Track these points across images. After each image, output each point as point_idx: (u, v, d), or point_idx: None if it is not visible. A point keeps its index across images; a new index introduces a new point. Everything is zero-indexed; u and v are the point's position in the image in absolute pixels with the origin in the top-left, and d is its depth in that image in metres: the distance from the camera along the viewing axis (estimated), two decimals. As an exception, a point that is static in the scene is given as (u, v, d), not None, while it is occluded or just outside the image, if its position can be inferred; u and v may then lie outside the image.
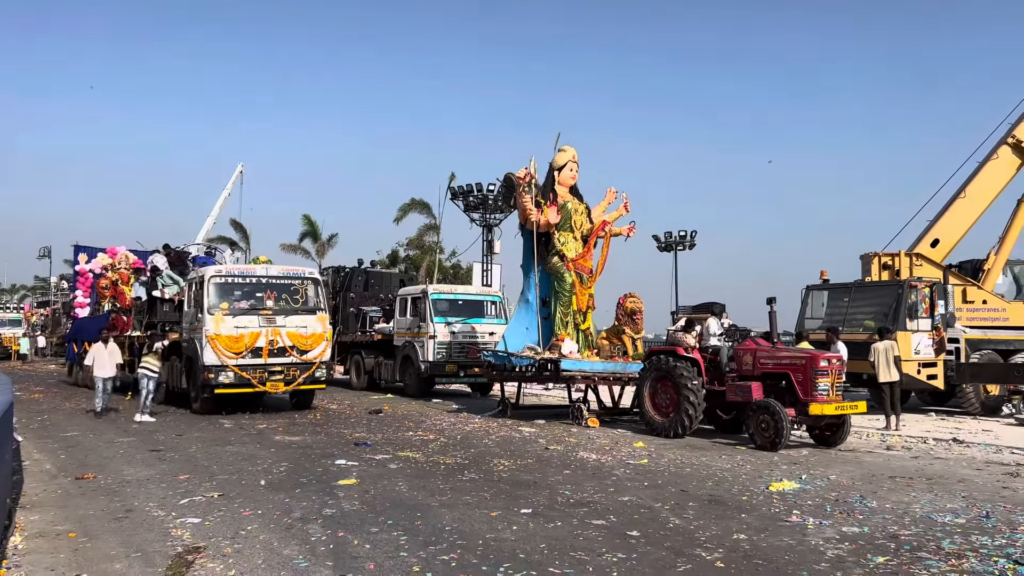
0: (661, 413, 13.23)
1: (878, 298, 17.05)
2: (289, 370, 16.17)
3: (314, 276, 17.61)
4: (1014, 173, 19.73)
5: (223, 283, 16.40)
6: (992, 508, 7.83)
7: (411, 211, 43.43)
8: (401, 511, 7.55)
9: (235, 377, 15.68)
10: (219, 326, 15.72)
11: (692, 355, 12.99)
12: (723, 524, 7.14)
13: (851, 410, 11.95)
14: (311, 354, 16.45)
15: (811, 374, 11.68)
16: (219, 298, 16.13)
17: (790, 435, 11.68)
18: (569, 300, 16.32)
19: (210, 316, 15.80)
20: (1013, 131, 19.54)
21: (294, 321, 16.40)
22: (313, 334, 16.53)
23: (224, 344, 15.63)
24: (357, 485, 8.84)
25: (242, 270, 17.50)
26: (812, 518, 7.36)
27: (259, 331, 15.98)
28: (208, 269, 17.08)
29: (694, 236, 42.32)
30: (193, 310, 16.67)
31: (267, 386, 16.01)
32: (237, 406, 16.65)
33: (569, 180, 16.88)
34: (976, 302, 18.27)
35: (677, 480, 9.32)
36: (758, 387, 12.14)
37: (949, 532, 6.89)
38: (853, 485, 9.05)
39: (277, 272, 17.24)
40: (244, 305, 16.25)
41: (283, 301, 16.60)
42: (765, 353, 12.45)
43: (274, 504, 7.88)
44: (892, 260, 18.68)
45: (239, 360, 15.75)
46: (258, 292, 16.54)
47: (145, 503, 7.97)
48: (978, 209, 19.58)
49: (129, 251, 27.53)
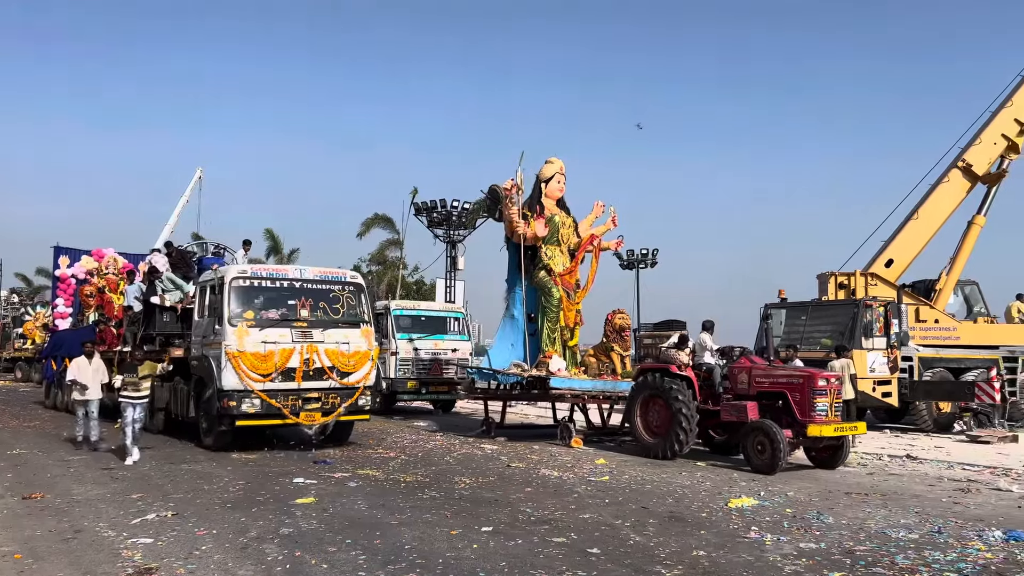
0: (653, 433, 12.74)
1: (835, 317, 17.38)
2: (328, 397, 12.98)
3: (357, 280, 14.29)
4: (964, 196, 20.36)
5: (248, 287, 13.13)
6: (944, 523, 7.98)
7: (374, 226, 43.16)
8: (360, 530, 7.45)
9: (262, 405, 12.46)
10: (243, 341, 12.48)
11: (685, 373, 12.55)
12: (683, 541, 7.17)
13: (851, 431, 11.65)
14: (354, 377, 13.20)
15: (809, 394, 11.27)
16: (243, 306, 12.90)
17: (788, 457, 11.24)
18: (556, 316, 15.91)
19: (231, 328, 12.54)
20: (963, 155, 20.16)
21: (333, 336, 13.18)
22: (356, 352, 13.31)
23: (249, 363, 12.41)
24: (315, 503, 8.71)
25: (271, 271, 14.18)
26: (770, 534, 7.43)
27: (292, 348, 12.70)
28: (229, 269, 13.57)
29: (656, 254, 42.81)
30: (207, 320, 13.39)
31: (301, 417, 12.68)
32: (250, 439, 13.41)
33: (556, 192, 16.52)
34: (928, 321, 18.72)
35: (638, 497, 9.35)
36: (754, 407, 11.72)
37: (903, 547, 7.01)
38: (810, 501, 9.16)
39: (313, 275, 13.85)
40: (274, 315, 13.06)
41: (320, 311, 13.47)
42: (761, 371, 12.05)
43: (229, 523, 7.73)
44: (848, 280, 19.07)
45: (267, 384, 12.54)
46: (290, 299, 13.35)
47: (95, 523, 7.76)
48: (930, 230, 20.13)
49: (118, 253, 24.77)
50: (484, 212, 18.90)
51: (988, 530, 7.64)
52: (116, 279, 22.40)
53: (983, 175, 20.20)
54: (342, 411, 13.08)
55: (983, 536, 7.44)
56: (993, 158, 20.30)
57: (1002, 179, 20.65)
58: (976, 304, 20.57)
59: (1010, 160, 20.59)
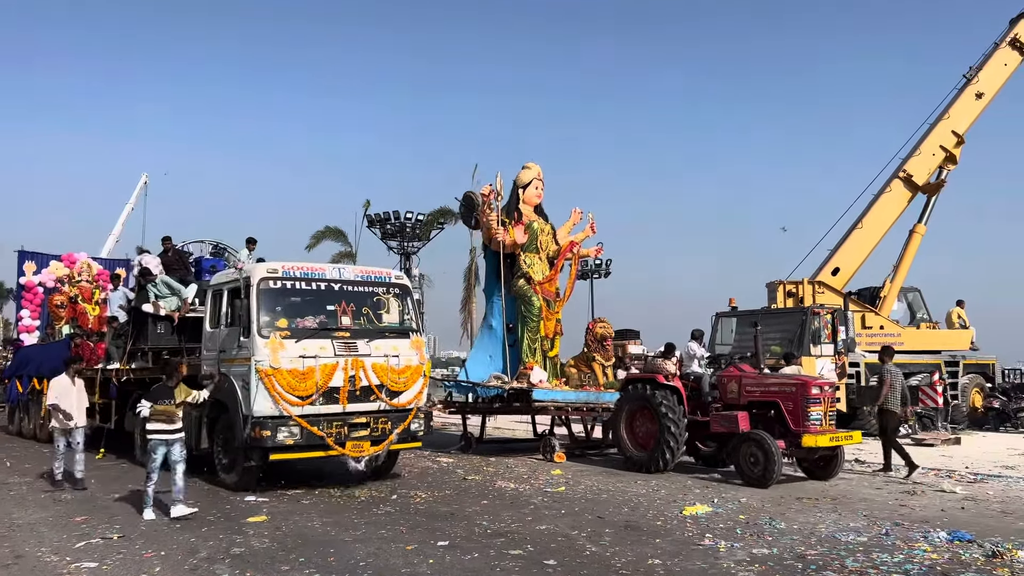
0: (640, 446, 12.28)
1: (784, 324, 17.71)
2: (377, 422, 10.77)
3: (403, 281, 12.17)
4: (906, 205, 21.00)
5: (279, 289, 10.79)
6: (891, 526, 8.17)
7: (325, 239, 42.63)
8: (313, 548, 7.33)
9: (302, 434, 10.14)
10: (277, 355, 10.14)
11: (673, 383, 12.09)
12: (638, 549, 7.21)
13: (846, 441, 11.31)
14: (404, 396, 11.06)
15: (802, 403, 10.89)
16: (275, 312, 10.58)
17: (781, 469, 10.84)
18: (537, 326, 15.34)
19: (262, 340, 10.19)
20: (903, 166, 20.79)
21: (381, 348, 10.96)
22: (407, 367, 11.13)
23: (285, 383, 10.09)
24: (267, 522, 8.54)
25: (305, 270, 11.31)
26: (724, 541, 7.52)
27: (334, 363, 10.44)
28: (255, 268, 10.99)
29: (609, 264, 43.18)
30: (226, 331, 11.03)
31: (347, 447, 10.43)
32: (279, 474, 11.21)
33: (534, 199, 16.04)
34: (874, 327, 19.22)
35: (594, 507, 9.38)
36: (744, 417, 11.29)
37: (852, 550, 7.15)
38: (763, 507, 9.29)
39: (354, 274, 11.61)
40: (311, 323, 10.76)
41: (364, 318, 11.27)
42: (752, 380, 11.69)
43: (178, 544, 7.53)
44: (796, 288, 19.50)
45: (306, 408, 10.24)
46: (328, 304, 11.05)
47: (37, 548, 7.49)
48: (874, 239, 20.70)
49: (92, 259, 22.15)
50: (459, 220, 17.12)
51: (933, 531, 7.84)
52: (90, 287, 20.00)
53: (923, 185, 20.86)
54: (394, 439, 10.85)
55: (928, 537, 7.63)
56: (932, 168, 20.99)
57: (941, 189, 21.35)
58: (919, 310, 21.19)
59: (948, 171, 21.31)
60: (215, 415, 11.09)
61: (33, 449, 15.66)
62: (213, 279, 12.35)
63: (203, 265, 15.19)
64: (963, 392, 19.53)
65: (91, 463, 11.89)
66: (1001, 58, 21.12)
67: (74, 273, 20.77)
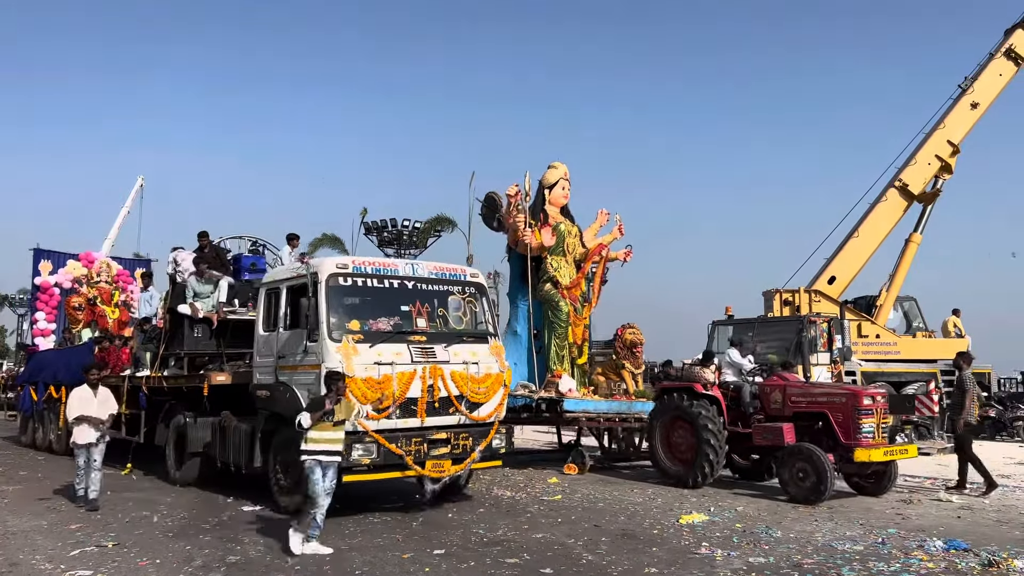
0: (677, 459, 11.61)
1: (780, 333, 17.69)
2: (458, 437, 9.59)
3: (478, 280, 10.84)
4: (902, 214, 21.07)
5: (350, 287, 9.59)
6: (887, 535, 8.17)
7: (321, 246, 42.67)
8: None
9: (379, 452, 8.89)
10: (351, 362, 8.91)
11: (711, 392, 11.51)
12: (635, 558, 7.20)
13: (901, 455, 10.64)
14: (485, 408, 9.86)
15: (853, 414, 10.21)
16: (345, 313, 9.39)
17: (834, 484, 10.12)
18: (565, 332, 14.60)
19: (333, 344, 8.99)
20: (899, 175, 20.88)
21: (460, 353, 9.78)
22: (487, 375, 9.95)
23: (360, 393, 8.79)
24: (263, 530, 8.52)
25: (377, 265, 10.01)
26: (720, 550, 7.51)
27: (412, 371, 9.23)
28: (323, 263, 9.74)
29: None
30: (286, 334, 9.73)
31: (427, 467, 9.23)
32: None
33: (561, 199, 15.37)
34: (870, 336, 19.25)
35: (590, 515, 9.37)
36: (790, 429, 10.59)
37: (848, 559, 7.15)
38: (759, 516, 9.29)
39: (428, 271, 10.31)
40: (384, 325, 9.54)
41: (439, 319, 10.21)
42: (797, 390, 11.03)
43: (174, 552, 7.51)
44: (792, 296, 19.54)
45: (382, 422, 9.01)
46: (401, 304, 9.89)
47: (32, 556, 7.46)
48: (870, 248, 20.77)
49: (111, 258, 21.03)
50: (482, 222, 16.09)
51: (929, 540, 7.84)
52: (110, 288, 18.93)
53: (919, 194, 20.94)
54: (476, 456, 9.66)
55: (925, 546, 7.63)
56: (928, 178, 21.07)
57: (937, 198, 21.42)
58: (915, 319, 21.24)
59: (944, 180, 21.38)
60: (270, 429, 9.82)
61: (28, 456, 15.61)
62: (267, 276, 11.20)
63: (243, 263, 13.96)
64: (959, 401, 19.54)
65: (143, 487, 11.53)
66: (996, 68, 21.23)
67: (92, 273, 19.77)
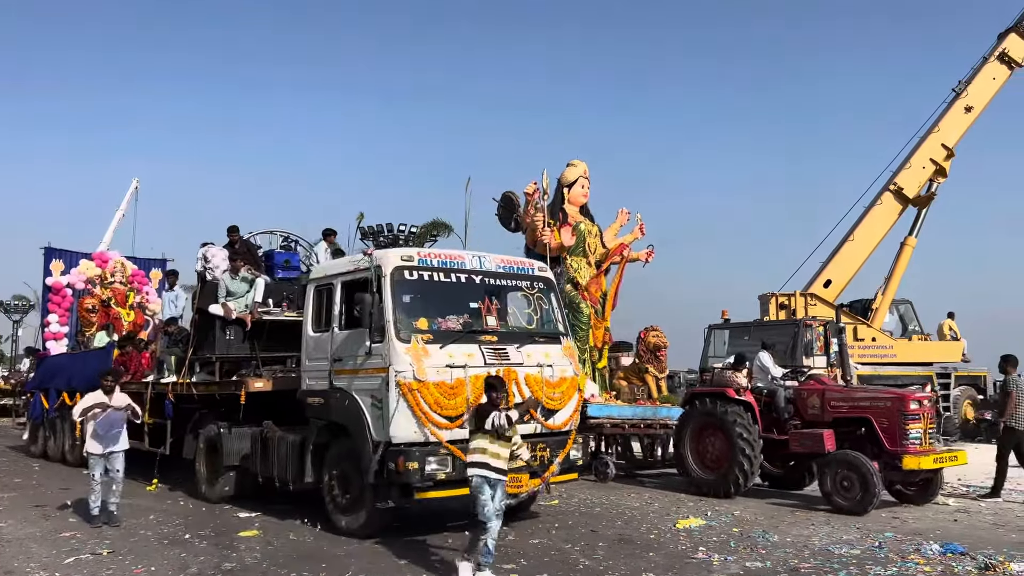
0: (708, 468, 11.19)
1: (776, 336, 17.73)
2: (535, 448, 8.44)
3: (546, 274, 9.90)
4: (897, 218, 21.17)
5: (416, 281, 8.64)
6: (884, 538, 8.17)
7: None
8: (305, 562, 7.29)
9: (454, 465, 7.89)
10: (422, 364, 8.04)
11: (744, 397, 11.08)
12: (632, 563, 7.19)
13: (951, 462, 10.13)
14: (560, 416, 8.97)
15: (899, 419, 9.79)
16: (412, 310, 8.48)
17: (881, 493, 9.68)
18: (586, 335, 14.18)
19: (402, 345, 8.06)
20: (894, 179, 20.96)
21: (533, 355, 8.87)
22: (563, 379, 9.08)
23: (432, 400, 7.94)
24: (259, 536, 8.50)
25: (443, 258, 8.98)
26: (717, 554, 7.51)
27: (486, 373, 8.02)
28: (387, 255, 8.66)
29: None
30: (345, 335, 8.77)
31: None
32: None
33: (580, 198, 14.96)
34: (866, 339, 19.32)
35: (587, 520, 9.35)
36: (830, 435, 10.17)
37: (845, 563, 7.15)
38: (756, 520, 9.29)
39: (495, 264, 9.32)
40: (453, 324, 8.67)
41: (511, 317, 9.45)
42: (837, 394, 10.64)
43: (169, 560, 7.48)
44: (788, 300, 19.61)
45: (455, 431, 8.02)
46: (469, 300, 8.96)
47: (26, 564, 7.42)
48: (865, 251, 20.86)
49: (125, 257, 19.84)
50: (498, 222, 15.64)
51: (926, 544, 7.84)
52: (124, 289, 18.08)
53: (913, 198, 21.03)
54: (556, 469, 8.44)
55: (921, 550, 7.64)
56: (922, 181, 21.17)
57: (931, 201, 21.54)
58: (910, 322, 21.31)
59: (938, 183, 21.50)
60: (323, 441, 8.93)
61: (23, 463, 15.53)
62: (316, 271, 10.37)
63: (275, 260, 12.92)
64: (955, 404, 19.62)
65: (138, 493, 11.07)
66: (990, 72, 21.34)
67: (106, 273, 18.84)
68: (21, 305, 38.72)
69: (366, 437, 8.12)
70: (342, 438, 8.60)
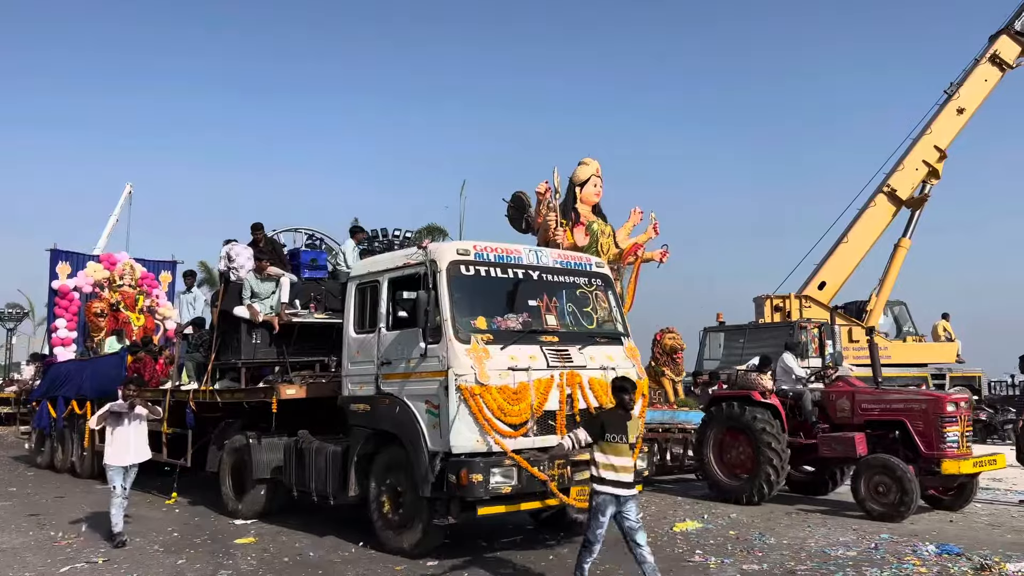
0: (732, 474, 10.83)
1: (771, 338, 17.79)
2: None
3: (603, 271, 9.22)
4: (890, 219, 21.26)
5: (473, 277, 7.86)
6: (880, 540, 8.18)
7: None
8: (302, 569, 7.28)
9: (520, 477, 7.15)
10: (483, 367, 7.32)
11: (770, 400, 10.71)
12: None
13: (991, 466, 9.78)
14: None
15: (936, 422, 9.41)
16: (471, 309, 7.74)
17: (918, 498, 9.31)
18: None
19: (462, 347, 7.35)
20: (887, 181, 21.04)
21: (596, 357, 8.17)
22: None
23: (495, 406, 7.24)
24: (255, 544, 8.47)
25: (500, 252, 8.24)
26: (714, 557, 7.51)
27: (549, 377, 7.64)
28: (442, 249, 7.96)
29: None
30: (394, 336, 8.09)
31: (571, 495, 7.31)
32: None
33: (593, 197, 14.58)
34: (861, 341, 19.35)
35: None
36: (862, 439, 9.84)
37: (842, 565, 7.16)
38: (753, 523, 9.29)
39: (553, 259, 8.67)
40: (513, 323, 7.90)
41: (571, 316, 8.57)
42: (868, 396, 10.24)
43: (165, 568, 7.46)
44: (783, 302, 19.67)
45: (519, 440, 7.37)
46: (528, 298, 8.23)
47: (21, 573, 7.40)
48: (859, 253, 20.95)
49: (135, 260, 19.14)
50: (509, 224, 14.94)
51: (922, 545, 7.86)
52: (133, 292, 17.49)
53: (907, 200, 21.12)
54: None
55: (917, 551, 7.65)
56: (916, 183, 21.26)
57: (924, 203, 21.63)
58: (905, 324, 21.39)
59: (931, 185, 21.60)
60: (369, 451, 8.23)
61: (17, 472, 15.46)
62: (357, 267, 9.53)
63: (301, 259, 12.23)
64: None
65: (133, 502, 10.10)
66: (981, 74, 21.46)
67: (115, 276, 18.18)
68: (15, 313, 38.39)
69: (421, 447, 7.38)
70: (392, 448, 7.90)
